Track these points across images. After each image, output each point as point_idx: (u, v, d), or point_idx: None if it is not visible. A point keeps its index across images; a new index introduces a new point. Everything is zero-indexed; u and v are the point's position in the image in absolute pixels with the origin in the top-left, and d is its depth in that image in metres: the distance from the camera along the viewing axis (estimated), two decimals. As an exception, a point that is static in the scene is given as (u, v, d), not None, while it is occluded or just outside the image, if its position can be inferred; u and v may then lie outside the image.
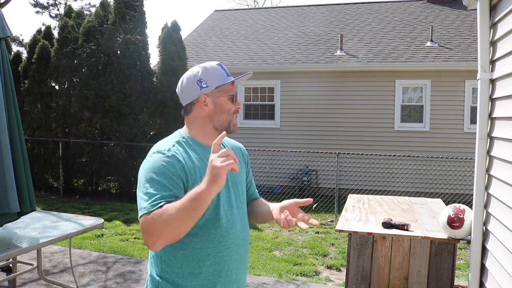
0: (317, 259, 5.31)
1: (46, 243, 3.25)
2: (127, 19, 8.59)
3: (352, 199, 4.33)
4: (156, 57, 9.64)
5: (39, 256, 3.80)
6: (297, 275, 4.73)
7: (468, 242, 2.97)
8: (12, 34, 3.55)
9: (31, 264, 4.13)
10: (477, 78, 2.93)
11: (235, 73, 2.45)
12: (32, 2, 19.03)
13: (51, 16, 19.76)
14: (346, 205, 4.06)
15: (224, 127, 1.60)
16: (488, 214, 2.83)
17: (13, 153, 3.13)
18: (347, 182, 9.54)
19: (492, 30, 2.85)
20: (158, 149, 1.50)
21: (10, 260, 4.03)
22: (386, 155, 8.56)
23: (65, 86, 9.32)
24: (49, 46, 9.34)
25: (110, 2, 9.22)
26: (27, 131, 9.28)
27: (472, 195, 3.01)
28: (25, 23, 39.44)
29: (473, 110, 9.00)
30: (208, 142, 1.61)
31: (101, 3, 9.32)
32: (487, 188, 2.87)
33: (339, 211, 7.62)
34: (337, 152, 8.25)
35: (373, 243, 3.17)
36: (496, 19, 2.73)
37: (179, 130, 1.64)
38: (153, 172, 1.43)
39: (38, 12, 28.94)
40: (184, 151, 1.52)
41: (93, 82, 8.78)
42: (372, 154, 8.67)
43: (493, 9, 2.83)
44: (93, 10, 12.58)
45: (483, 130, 2.89)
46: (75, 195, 9.05)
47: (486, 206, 2.87)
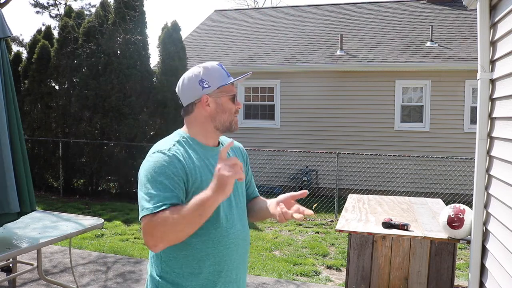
0: (317, 259, 5.31)
1: (46, 243, 3.25)
2: (127, 19, 8.59)
3: (352, 199, 4.33)
4: (156, 57, 9.65)
5: (39, 256, 3.80)
6: (297, 275, 4.73)
7: (468, 242, 2.97)
8: (12, 34, 3.56)
9: (31, 264, 4.13)
10: (477, 78, 2.93)
11: (235, 73, 2.46)
12: (32, 2, 19.05)
13: (51, 16, 19.78)
14: (346, 205, 4.06)
15: (226, 127, 1.61)
16: (488, 214, 2.83)
17: (13, 153, 3.13)
18: (347, 182, 9.54)
19: (492, 30, 2.85)
20: (159, 149, 1.50)
21: (10, 260, 4.03)
22: (386, 155, 8.56)
23: (65, 86, 9.32)
24: (49, 46, 9.34)
25: (110, 2, 9.22)
26: (27, 131, 9.28)
27: (472, 195, 3.01)
28: (25, 23, 39.50)
29: (473, 110, 9.00)
30: (209, 142, 1.61)
31: (101, 3, 9.32)
32: (487, 188, 2.87)
33: (339, 211, 7.62)
34: (337, 152, 8.25)
35: (373, 243, 3.17)
36: (496, 19, 2.73)
37: (179, 130, 1.64)
38: (154, 172, 1.43)
39: (38, 12, 28.98)
40: (185, 151, 1.52)
41: (93, 82, 8.78)
42: (372, 154, 8.67)
43: (493, 9, 2.83)
44: (93, 10, 12.60)
45: (483, 130, 2.89)
46: (75, 195, 9.05)
47: (486, 206, 2.87)
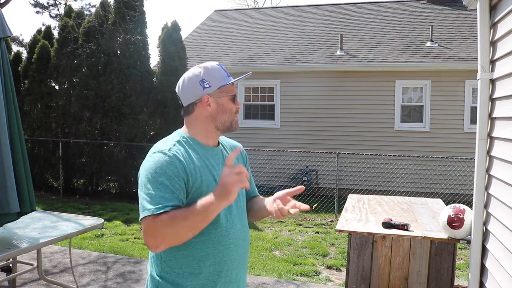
0: (317, 259, 5.30)
1: (46, 243, 3.25)
2: (127, 19, 8.59)
3: (352, 199, 4.33)
4: (156, 57, 9.64)
5: (39, 256, 3.80)
6: (297, 275, 4.73)
7: (468, 242, 2.97)
8: (12, 34, 3.56)
9: (31, 264, 4.13)
10: (477, 78, 2.93)
11: (235, 73, 2.46)
12: (32, 2, 19.05)
13: (51, 16, 19.78)
14: (346, 205, 4.06)
15: (227, 127, 1.61)
16: (488, 214, 2.83)
17: (13, 153, 3.13)
18: (347, 182, 9.54)
19: (492, 30, 2.85)
20: (159, 149, 1.50)
21: (10, 260, 4.03)
22: (386, 155, 8.56)
23: (65, 86, 9.32)
24: (49, 46, 9.34)
25: (110, 2, 9.22)
26: (27, 131, 9.28)
27: (472, 195, 3.01)
28: (25, 23, 39.49)
29: (473, 110, 9.00)
30: (209, 142, 1.62)
31: (101, 3, 9.32)
32: (487, 188, 2.87)
33: (339, 211, 7.62)
34: (337, 152, 8.25)
35: (373, 243, 3.17)
36: (496, 19, 2.73)
37: (179, 130, 1.64)
38: (155, 173, 1.43)
39: (38, 12, 28.97)
40: (185, 151, 1.52)
41: (93, 82, 8.78)
42: (372, 154, 8.67)
43: (493, 9, 2.83)
44: (93, 10, 12.59)
45: (483, 130, 2.89)
46: (75, 195, 9.05)
47: (486, 206, 2.87)
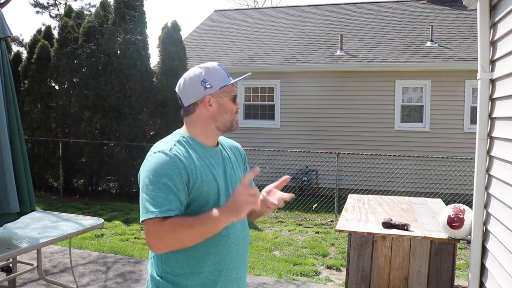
0: (317, 259, 5.30)
1: (46, 243, 3.25)
2: (127, 19, 8.59)
3: (352, 199, 4.33)
4: (156, 57, 9.64)
5: (39, 256, 3.80)
6: (297, 275, 4.73)
7: (468, 242, 2.97)
8: (12, 34, 3.56)
9: (31, 264, 4.13)
10: (477, 78, 2.93)
11: (235, 73, 2.46)
12: (32, 2, 19.04)
13: (51, 16, 19.78)
14: (346, 205, 4.06)
15: (227, 127, 1.62)
16: (488, 214, 2.83)
17: (13, 153, 3.13)
18: (347, 182, 9.54)
19: (492, 30, 2.85)
20: (160, 149, 1.50)
21: (10, 260, 4.02)
22: (386, 155, 8.56)
23: (65, 86, 9.31)
24: (49, 46, 9.34)
25: (110, 2, 9.22)
26: (27, 131, 9.28)
27: (472, 195, 3.01)
28: (25, 23, 39.48)
29: (473, 110, 9.00)
30: (209, 142, 1.62)
31: (101, 3, 9.32)
32: (487, 188, 2.87)
33: (339, 211, 7.62)
34: (337, 152, 8.25)
35: (373, 243, 3.17)
36: (496, 19, 2.73)
37: (178, 130, 1.64)
38: (157, 173, 1.44)
39: (38, 12, 28.96)
40: (185, 151, 1.52)
41: (93, 82, 8.78)
42: (372, 154, 8.67)
43: (493, 9, 2.83)
44: (93, 10, 12.59)
45: (483, 130, 2.89)
46: (75, 195, 9.05)
47: (486, 206, 2.87)
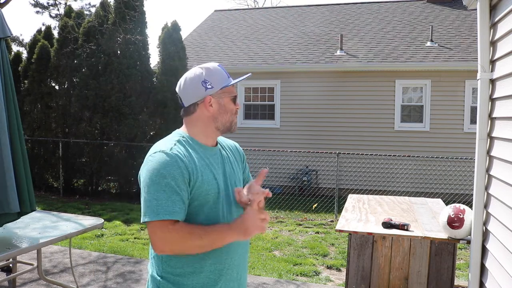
0: (317, 259, 5.30)
1: (46, 243, 3.25)
2: (127, 19, 8.59)
3: (352, 199, 4.33)
4: (156, 57, 9.65)
5: (39, 256, 3.80)
6: (297, 275, 4.73)
7: (468, 242, 2.97)
8: (12, 34, 3.56)
9: (31, 264, 4.13)
10: (477, 78, 2.93)
11: (235, 73, 2.46)
12: (32, 2, 19.04)
13: (51, 16, 19.79)
14: (346, 205, 4.06)
15: (227, 127, 1.63)
16: (488, 214, 2.83)
17: (13, 153, 3.13)
18: (347, 182, 9.54)
19: (492, 30, 2.85)
20: (160, 149, 1.50)
21: (10, 260, 4.02)
22: (386, 155, 8.56)
23: (65, 86, 9.31)
24: (49, 46, 9.34)
25: (110, 2, 9.22)
26: (27, 131, 9.28)
27: (472, 195, 3.01)
28: (25, 23, 39.46)
29: (473, 110, 9.00)
30: (208, 142, 1.62)
31: (101, 3, 9.32)
32: (487, 188, 2.87)
33: (339, 211, 7.62)
34: (337, 152, 8.25)
35: (373, 243, 3.17)
36: (496, 19, 2.73)
37: (178, 130, 1.65)
38: (159, 173, 1.44)
39: (38, 12, 28.97)
40: (186, 150, 1.52)
41: (93, 82, 8.78)
42: (372, 154, 8.67)
43: (493, 9, 2.83)
44: (93, 10, 12.59)
45: (483, 130, 2.89)
46: (75, 195, 9.05)
47: (486, 206, 2.87)
